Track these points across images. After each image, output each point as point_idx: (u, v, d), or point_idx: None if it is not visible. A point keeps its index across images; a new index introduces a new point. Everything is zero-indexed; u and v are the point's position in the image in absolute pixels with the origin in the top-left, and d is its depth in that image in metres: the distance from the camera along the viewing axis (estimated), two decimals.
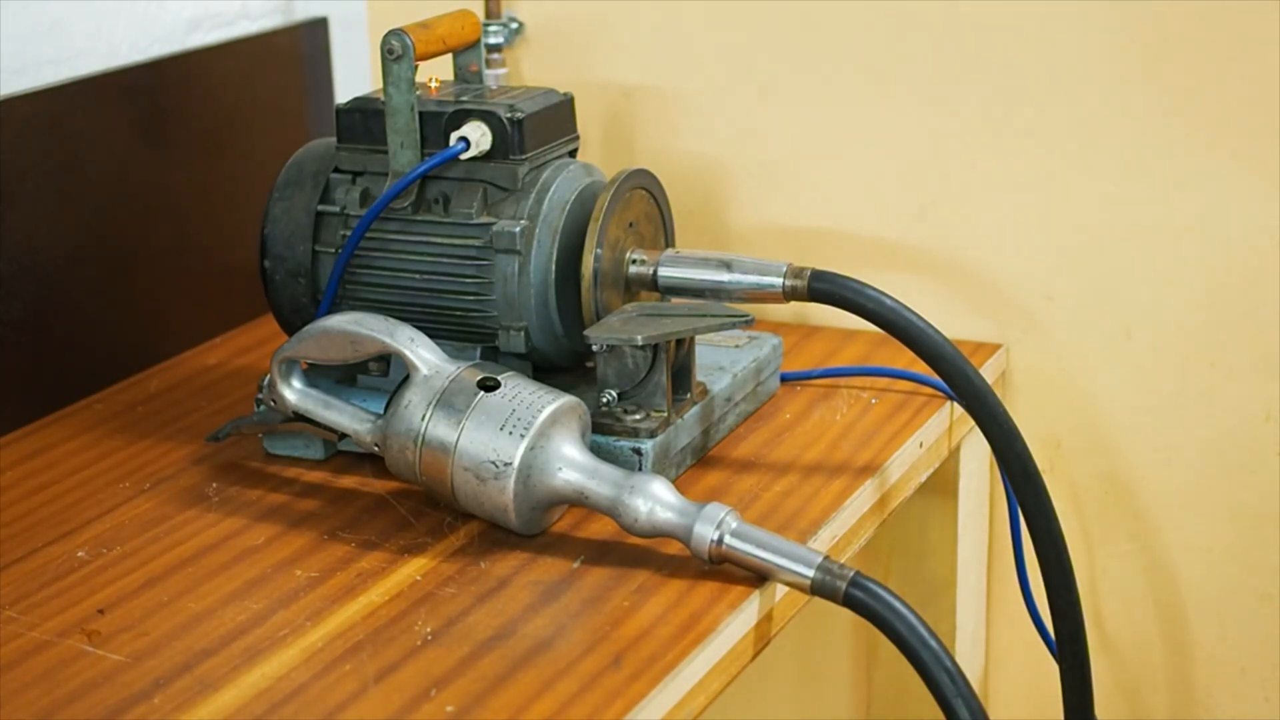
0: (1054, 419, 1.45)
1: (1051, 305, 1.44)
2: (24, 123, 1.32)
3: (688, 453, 1.21)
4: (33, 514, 1.18)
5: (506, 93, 1.26)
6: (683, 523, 1.06)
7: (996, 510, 1.50)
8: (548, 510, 1.12)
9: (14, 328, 1.32)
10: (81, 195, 1.38)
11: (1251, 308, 1.37)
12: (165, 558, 1.12)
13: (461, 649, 0.99)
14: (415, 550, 1.11)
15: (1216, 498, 1.42)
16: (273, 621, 1.03)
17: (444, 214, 1.23)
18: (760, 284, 1.20)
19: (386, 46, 1.20)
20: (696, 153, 1.52)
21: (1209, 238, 1.38)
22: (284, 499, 1.19)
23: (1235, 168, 1.36)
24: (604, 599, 1.05)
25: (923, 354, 1.17)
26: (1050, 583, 1.24)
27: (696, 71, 1.51)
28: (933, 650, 1.00)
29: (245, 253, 1.40)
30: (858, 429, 1.28)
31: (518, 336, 1.21)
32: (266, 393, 1.20)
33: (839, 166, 1.48)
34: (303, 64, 1.59)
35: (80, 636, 1.02)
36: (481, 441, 1.09)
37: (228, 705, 0.95)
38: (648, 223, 1.26)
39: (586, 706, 0.94)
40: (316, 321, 1.17)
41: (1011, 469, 1.20)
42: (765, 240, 1.51)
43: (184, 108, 1.47)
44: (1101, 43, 1.38)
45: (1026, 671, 1.53)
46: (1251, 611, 1.43)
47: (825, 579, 1.02)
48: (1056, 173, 1.41)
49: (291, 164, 1.29)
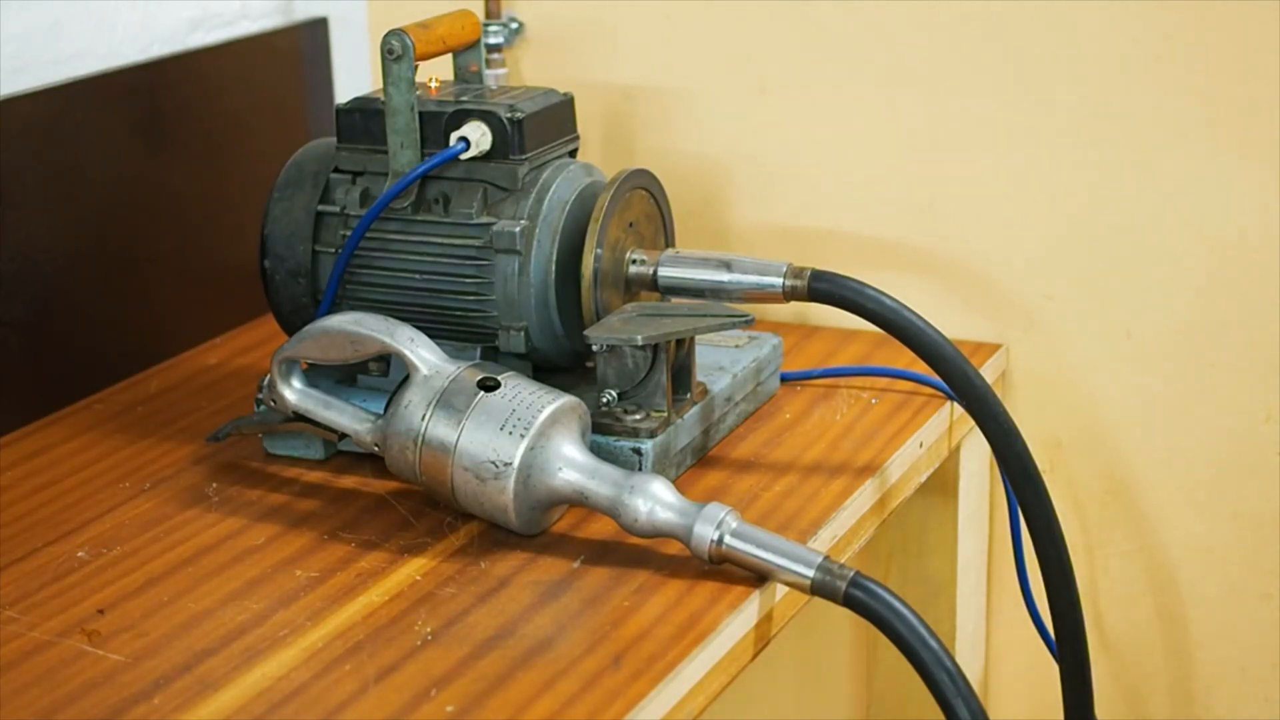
0: (1054, 419, 1.45)
1: (1051, 305, 1.44)
2: (24, 123, 1.32)
3: (688, 453, 1.21)
4: (33, 514, 1.18)
5: (506, 93, 1.26)
6: (683, 523, 1.06)
7: (996, 510, 1.50)
8: (548, 510, 1.12)
9: (14, 328, 1.32)
10: (81, 195, 1.38)
11: (1251, 307, 1.37)
12: (165, 558, 1.12)
13: (461, 649, 0.99)
14: (415, 550, 1.11)
15: (1216, 498, 1.42)
16: (273, 621, 1.03)
17: (444, 214, 1.23)
18: (760, 284, 1.20)
19: (386, 46, 1.20)
20: (696, 153, 1.52)
21: (1209, 238, 1.38)
22: (284, 499, 1.19)
23: (1235, 167, 1.36)
24: (604, 599, 1.05)
25: (923, 354, 1.17)
26: (1050, 583, 1.24)
27: (696, 71, 1.51)
28: (933, 650, 1.00)
29: (245, 253, 1.40)
30: (858, 429, 1.28)
31: (518, 336, 1.21)
32: (266, 393, 1.20)
33: (839, 166, 1.48)
34: (303, 64, 1.59)
35: (80, 636, 1.02)
36: (481, 441, 1.09)
37: (228, 705, 0.95)
38: (648, 223, 1.26)
39: (586, 706, 0.94)
40: (316, 321, 1.17)
41: (1011, 469, 1.20)
42: (765, 240, 1.51)
43: (184, 108, 1.47)
44: (1101, 43, 1.38)
45: (1026, 671, 1.53)
46: (1251, 611, 1.43)
47: (825, 579, 1.02)
48: (1056, 172, 1.41)
49: (291, 164, 1.29)
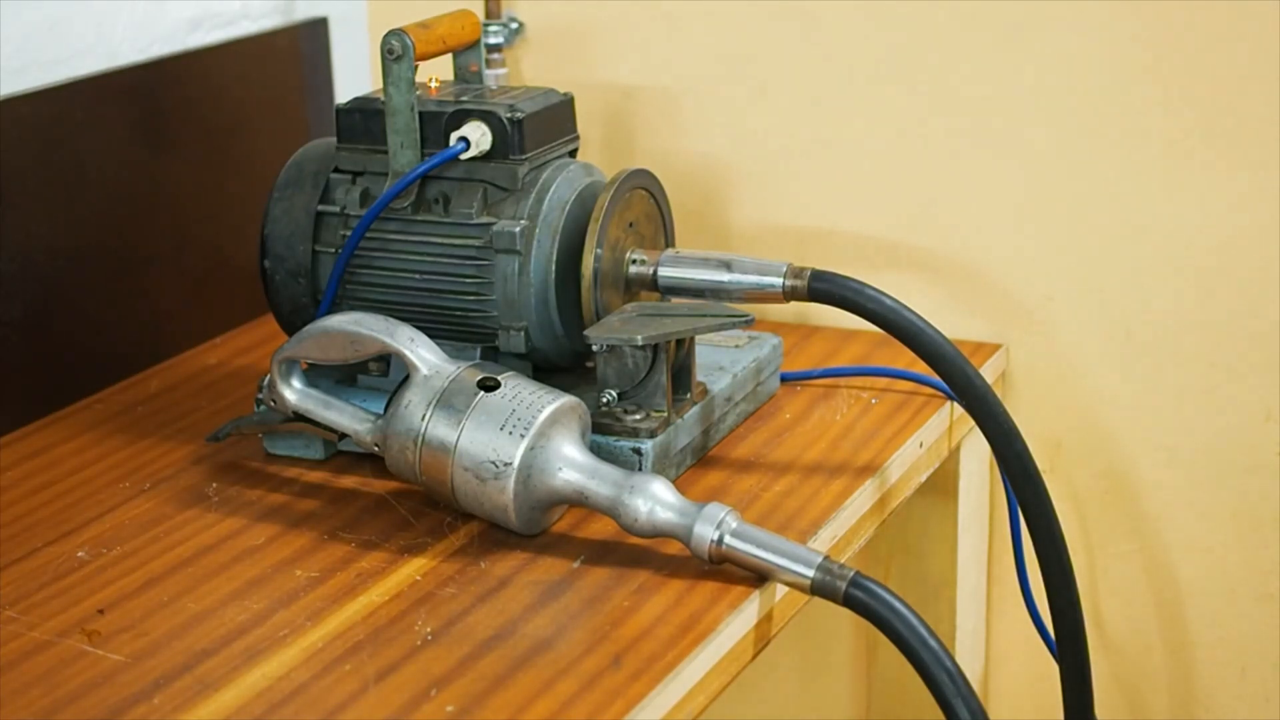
0: (1054, 419, 1.45)
1: (1051, 305, 1.44)
2: (24, 123, 1.32)
3: (688, 453, 1.21)
4: (33, 514, 1.18)
5: (506, 93, 1.26)
6: (683, 523, 1.06)
7: (996, 510, 1.50)
8: (548, 510, 1.12)
9: (14, 328, 1.32)
10: (81, 195, 1.38)
11: (1251, 307, 1.37)
12: (165, 558, 1.11)
13: (461, 649, 0.99)
14: (415, 550, 1.11)
15: (1216, 498, 1.42)
16: (273, 621, 1.03)
17: (444, 214, 1.23)
18: (760, 284, 1.20)
19: (386, 46, 1.20)
20: (696, 153, 1.52)
21: (1209, 238, 1.38)
22: (284, 499, 1.19)
23: (1235, 168, 1.36)
24: (604, 599, 1.05)
25: (923, 354, 1.17)
26: (1050, 583, 1.24)
27: (696, 71, 1.51)
28: (933, 650, 1.00)
29: (245, 253, 1.40)
30: (858, 429, 1.28)
31: (518, 336, 1.21)
32: (266, 393, 1.20)
33: (839, 166, 1.48)
34: (303, 64, 1.59)
35: (80, 636, 1.02)
36: (481, 441, 1.09)
37: (228, 705, 0.95)
38: (648, 223, 1.26)
39: (586, 706, 0.94)
40: (316, 321, 1.17)
41: (1011, 469, 1.20)
42: (765, 240, 1.51)
43: (184, 108, 1.47)
44: (1102, 43, 1.38)
45: (1026, 671, 1.53)
46: (1251, 611, 1.43)
47: (825, 579, 1.02)
48: (1057, 173, 1.41)
49: (291, 164, 1.29)
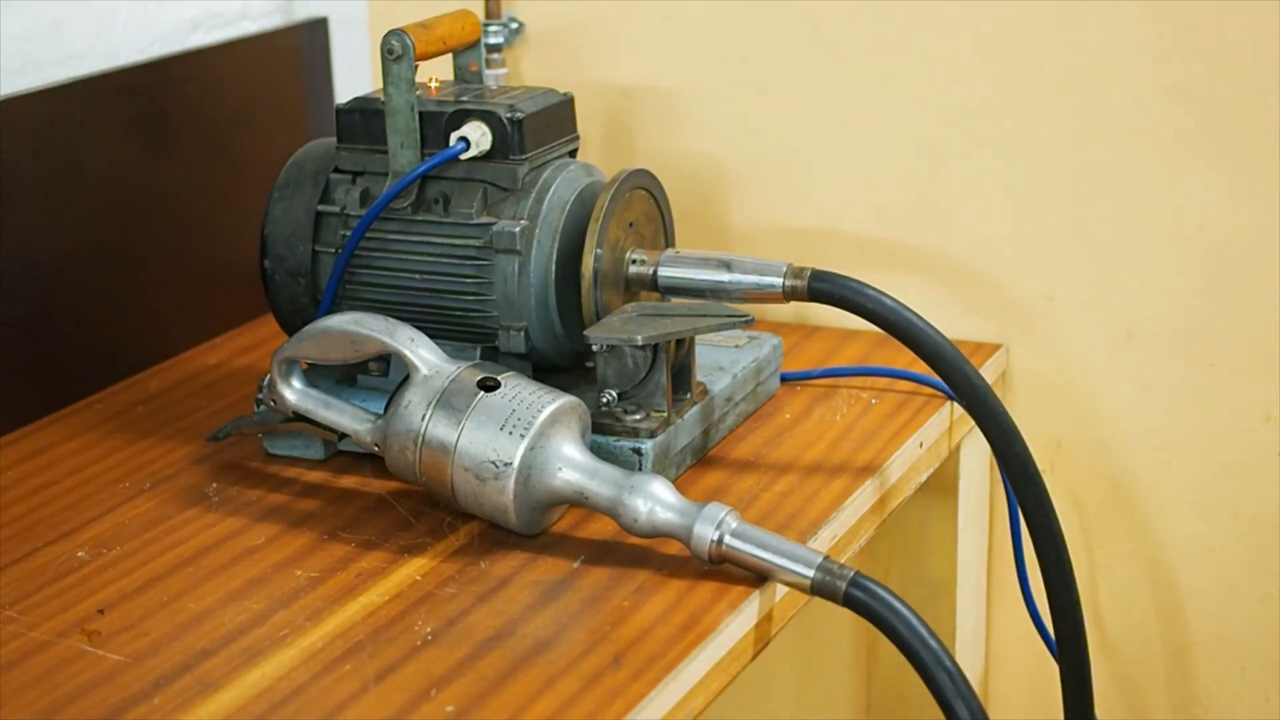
0: (1054, 419, 1.45)
1: (1051, 305, 1.44)
2: (24, 123, 1.32)
3: (688, 453, 1.21)
4: (33, 514, 1.18)
5: (506, 93, 1.26)
6: (683, 523, 1.06)
7: (996, 510, 1.50)
8: (548, 510, 1.12)
9: (14, 328, 1.32)
10: (81, 195, 1.38)
11: (1251, 308, 1.37)
12: (165, 558, 1.11)
13: (461, 649, 0.99)
14: (415, 550, 1.11)
15: (1216, 498, 1.42)
16: (273, 621, 1.03)
17: (444, 214, 1.23)
18: (760, 284, 1.20)
19: (386, 46, 1.20)
20: (696, 153, 1.52)
21: (1209, 238, 1.38)
22: (284, 499, 1.19)
23: (1234, 168, 1.36)
24: (604, 599, 1.05)
25: (923, 354, 1.17)
26: (1050, 583, 1.24)
27: (696, 71, 1.51)
28: (933, 650, 1.00)
29: (245, 253, 1.40)
30: (858, 429, 1.28)
31: (518, 336, 1.21)
32: (266, 393, 1.20)
33: (839, 166, 1.48)
34: (303, 64, 1.59)
35: (80, 636, 1.02)
36: (481, 441, 1.09)
37: (228, 705, 0.95)
38: (648, 223, 1.26)
39: (586, 706, 0.94)
40: (316, 321, 1.17)
41: (1011, 469, 1.20)
42: (765, 240, 1.51)
43: (184, 108, 1.47)
44: (1102, 43, 1.38)
45: (1026, 671, 1.53)
46: (1251, 611, 1.43)
47: (825, 579, 1.02)
48: (1057, 173, 1.41)
49: (291, 164, 1.29)
